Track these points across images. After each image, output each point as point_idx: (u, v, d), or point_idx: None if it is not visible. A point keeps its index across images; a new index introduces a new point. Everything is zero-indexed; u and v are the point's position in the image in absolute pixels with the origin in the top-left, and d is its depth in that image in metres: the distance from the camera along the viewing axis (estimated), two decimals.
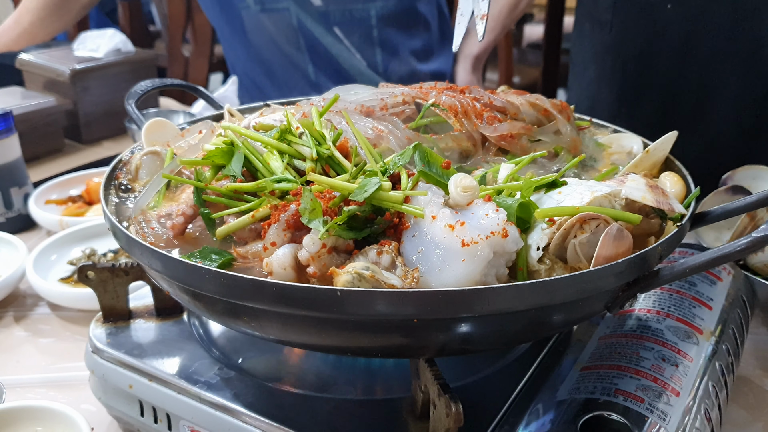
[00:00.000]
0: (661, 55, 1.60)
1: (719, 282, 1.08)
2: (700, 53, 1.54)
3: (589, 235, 0.76)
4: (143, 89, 1.21)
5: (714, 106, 1.57)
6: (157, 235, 0.89)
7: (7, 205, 1.61)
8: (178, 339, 1.01)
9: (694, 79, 1.57)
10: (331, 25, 2.10)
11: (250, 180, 0.90)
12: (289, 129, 0.93)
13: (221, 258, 0.80)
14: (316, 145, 0.89)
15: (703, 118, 1.59)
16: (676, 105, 1.61)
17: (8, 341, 1.27)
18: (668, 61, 1.59)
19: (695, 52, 1.55)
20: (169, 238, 0.88)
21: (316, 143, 0.90)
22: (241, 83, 2.31)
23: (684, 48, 1.55)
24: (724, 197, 1.32)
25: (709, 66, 1.55)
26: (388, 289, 0.69)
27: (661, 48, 1.59)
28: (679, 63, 1.57)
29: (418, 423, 0.84)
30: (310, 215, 0.75)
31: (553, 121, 1.04)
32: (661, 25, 1.57)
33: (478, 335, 0.76)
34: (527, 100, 1.07)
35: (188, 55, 3.82)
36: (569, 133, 1.03)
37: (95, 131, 2.25)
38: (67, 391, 1.13)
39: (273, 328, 0.78)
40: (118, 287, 1.05)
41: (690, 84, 1.58)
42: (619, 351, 0.93)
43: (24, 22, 2.35)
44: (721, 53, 1.52)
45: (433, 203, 0.76)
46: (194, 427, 0.92)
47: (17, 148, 1.63)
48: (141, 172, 1.01)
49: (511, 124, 1.00)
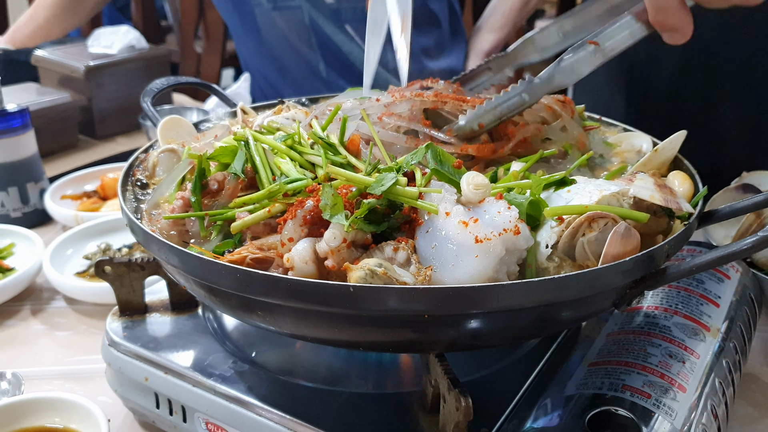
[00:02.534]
0: (664, 60, 1.61)
1: (727, 280, 1.09)
2: (699, 58, 1.56)
3: (597, 234, 0.77)
4: (159, 87, 1.23)
5: (719, 109, 1.59)
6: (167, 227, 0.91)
7: (23, 201, 1.63)
8: (193, 333, 1.03)
9: (698, 83, 1.58)
10: (343, 22, 2.11)
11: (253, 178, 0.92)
12: (300, 140, 0.94)
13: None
14: (329, 156, 0.90)
15: (708, 120, 1.59)
16: (682, 108, 1.62)
17: (26, 334, 1.29)
18: (671, 67, 1.60)
19: (695, 57, 1.56)
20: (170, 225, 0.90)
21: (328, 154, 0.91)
22: (254, 80, 2.32)
23: (685, 54, 1.56)
24: (734, 195, 1.32)
25: (710, 71, 1.56)
26: (399, 286, 0.70)
27: (663, 53, 1.60)
28: (682, 68, 1.59)
29: (428, 416, 0.86)
30: (332, 210, 0.76)
31: (559, 119, 1.05)
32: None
33: (488, 331, 0.77)
34: None
35: (200, 50, 3.84)
36: (575, 129, 1.03)
37: (109, 127, 2.27)
38: (84, 383, 1.15)
39: (287, 322, 0.80)
40: (134, 282, 1.06)
41: (694, 88, 1.59)
42: (626, 347, 0.94)
43: (39, 19, 2.38)
44: (719, 59, 1.54)
45: (447, 200, 0.78)
46: (209, 419, 0.94)
47: (33, 144, 1.65)
48: (158, 169, 1.02)
49: (524, 129, 1.01)
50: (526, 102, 0.98)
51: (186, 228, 0.90)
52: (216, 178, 0.90)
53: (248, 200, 0.86)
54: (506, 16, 2.14)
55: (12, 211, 1.63)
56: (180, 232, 0.90)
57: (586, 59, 0.94)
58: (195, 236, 0.90)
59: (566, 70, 0.96)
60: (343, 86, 1.92)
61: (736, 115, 1.58)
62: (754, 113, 1.57)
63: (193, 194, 0.89)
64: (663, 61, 1.61)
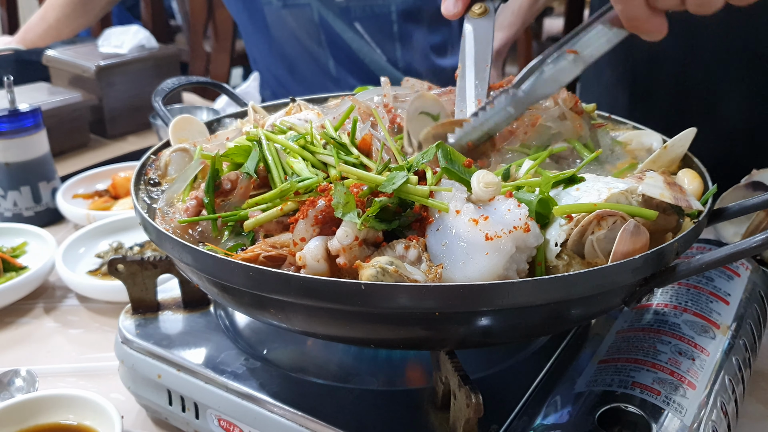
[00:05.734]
0: (666, 58, 1.61)
1: (737, 277, 1.09)
2: (702, 57, 1.56)
3: (606, 232, 0.77)
4: (170, 87, 1.23)
5: (726, 105, 1.58)
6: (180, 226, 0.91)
7: (36, 200, 1.65)
8: (205, 330, 1.04)
9: (701, 81, 1.58)
10: (352, 20, 2.12)
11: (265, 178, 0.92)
12: (312, 140, 0.95)
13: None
14: (341, 156, 0.91)
15: (714, 117, 1.59)
16: (687, 105, 1.62)
17: (39, 332, 1.30)
18: (674, 65, 1.60)
19: (698, 55, 1.56)
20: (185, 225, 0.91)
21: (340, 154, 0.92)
22: (263, 79, 2.33)
23: (687, 52, 1.57)
24: (744, 192, 1.32)
25: (713, 68, 1.56)
26: (410, 284, 0.71)
27: (666, 52, 1.60)
28: (684, 66, 1.59)
29: (438, 413, 0.86)
30: (344, 209, 0.77)
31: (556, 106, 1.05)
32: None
33: (498, 328, 0.78)
34: None
35: (209, 50, 3.85)
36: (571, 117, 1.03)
37: (120, 126, 2.28)
38: (97, 381, 1.16)
39: (299, 320, 0.80)
40: (147, 280, 1.07)
41: (697, 85, 1.59)
42: (636, 345, 0.94)
43: (49, 19, 2.40)
44: (722, 56, 1.54)
45: (457, 198, 0.78)
46: (221, 416, 0.94)
47: (45, 144, 1.67)
48: (170, 168, 1.03)
49: (530, 115, 1.02)
50: (512, 115, 0.98)
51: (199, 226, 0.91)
52: (229, 178, 0.91)
53: (261, 200, 0.87)
54: (515, 14, 2.14)
55: (24, 210, 1.64)
56: (193, 230, 0.91)
57: (567, 68, 0.95)
58: (207, 234, 0.91)
59: (548, 81, 0.97)
60: (353, 84, 1.93)
61: (743, 111, 1.58)
62: (762, 109, 1.57)
63: (207, 195, 0.90)
64: (668, 58, 1.61)
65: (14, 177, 1.62)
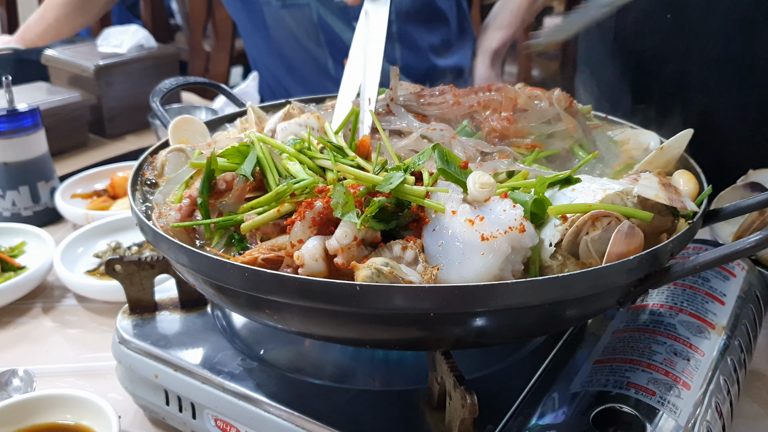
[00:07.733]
0: (666, 60, 1.62)
1: (732, 278, 1.09)
2: (700, 59, 1.56)
3: (601, 232, 0.78)
4: (168, 87, 1.24)
5: (724, 106, 1.59)
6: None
7: (34, 199, 1.65)
8: (202, 330, 1.04)
9: (698, 83, 1.59)
10: (351, 20, 2.12)
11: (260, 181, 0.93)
12: (310, 146, 0.95)
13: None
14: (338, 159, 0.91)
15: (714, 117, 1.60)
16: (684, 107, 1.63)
17: (37, 332, 1.30)
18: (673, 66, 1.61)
19: (695, 58, 1.57)
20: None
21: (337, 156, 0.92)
22: (262, 78, 2.33)
23: (685, 55, 1.57)
24: (741, 193, 1.32)
25: (711, 71, 1.57)
26: (405, 285, 0.71)
27: (665, 53, 1.61)
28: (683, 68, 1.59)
29: (434, 413, 0.87)
30: (343, 209, 0.77)
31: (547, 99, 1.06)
32: (664, 33, 1.59)
33: (493, 329, 0.78)
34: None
35: (209, 49, 3.85)
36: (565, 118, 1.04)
37: (119, 126, 2.28)
38: (95, 381, 1.17)
39: (294, 320, 0.81)
40: (144, 280, 1.07)
41: (695, 88, 1.60)
42: (631, 345, 0.95)
43: (49, 18, 2.40)
44: (720, 60, 1.54)
45: (453, 199, 0.78)
46: (218, 416, 0.95)
47: (44, 143, 1.67)
48: (166, 169, 1.03)
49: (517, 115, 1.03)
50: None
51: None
52: (225, 178, 0.91)
53: (256, 204, 0.87)
54: (514, 14, 2.13)
55: (23, 209, 1.64)
56: (188, 230, 0.91)
57: None
58: (202, 235, 0.91)
59: None
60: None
61: (741, 112, 1.58)
62: (759, 110, 1.57)
63: (201, 195, 0.90)
64: (667, 59, 1.62)
65: (13, 177, 1.62)
